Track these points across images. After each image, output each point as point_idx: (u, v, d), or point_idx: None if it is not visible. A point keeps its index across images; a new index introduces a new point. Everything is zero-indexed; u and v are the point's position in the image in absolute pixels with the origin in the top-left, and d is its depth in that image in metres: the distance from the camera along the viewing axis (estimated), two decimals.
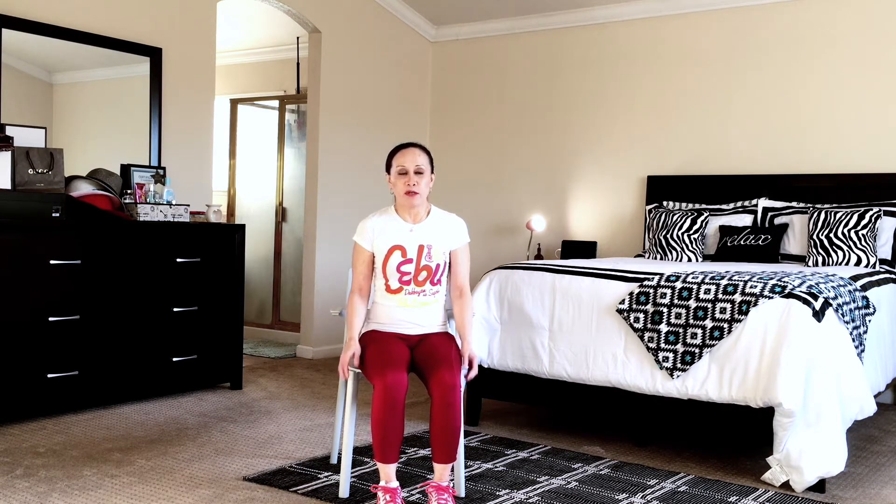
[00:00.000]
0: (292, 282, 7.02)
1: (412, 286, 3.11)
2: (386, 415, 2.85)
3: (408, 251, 3.12)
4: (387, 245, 3.13)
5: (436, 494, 2.88)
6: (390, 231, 3.15)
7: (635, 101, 5.96)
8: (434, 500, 2.88)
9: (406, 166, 3.12)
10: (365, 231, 3.17)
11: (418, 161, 3.12)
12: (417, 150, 3.17)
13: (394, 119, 6.61)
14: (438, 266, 3.13)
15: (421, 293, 3.12)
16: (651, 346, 3.67)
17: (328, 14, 6.05)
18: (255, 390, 4.94)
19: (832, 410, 3.27)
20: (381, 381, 2.87)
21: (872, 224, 4.71)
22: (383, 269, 3.13)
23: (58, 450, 3.60)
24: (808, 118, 5.34)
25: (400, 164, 3.13)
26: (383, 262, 3.13)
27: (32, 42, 4.59)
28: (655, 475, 3.45)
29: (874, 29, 5.13)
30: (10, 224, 3.95)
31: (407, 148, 3.18)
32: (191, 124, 5.30)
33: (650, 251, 5.38)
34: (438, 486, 2.90)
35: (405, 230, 3.15)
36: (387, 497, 2.87)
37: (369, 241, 3.16)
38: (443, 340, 3.10)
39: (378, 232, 3.16)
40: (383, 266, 3.13)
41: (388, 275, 3.11)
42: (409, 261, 3.11)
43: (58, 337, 4.11)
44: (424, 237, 3.15)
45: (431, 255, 3.13)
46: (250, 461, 3.48)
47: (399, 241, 3.13)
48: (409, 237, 3.13)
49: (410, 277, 3.11)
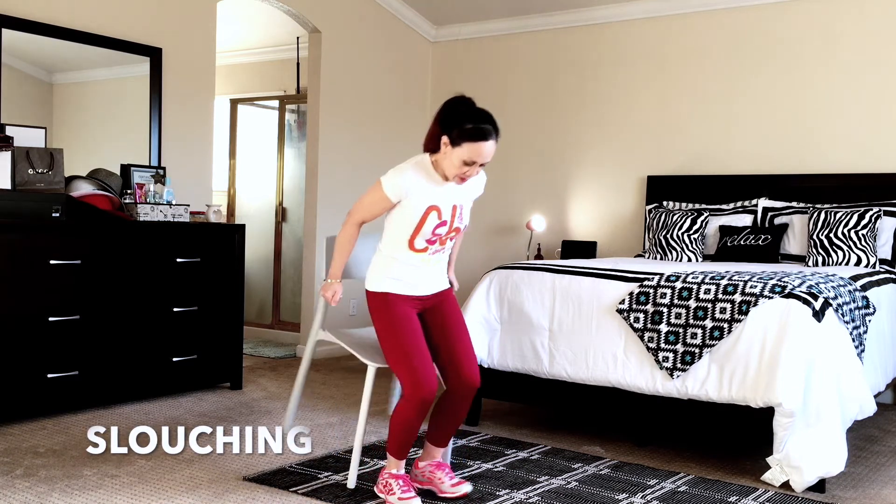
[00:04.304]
0: (292, 282, 7.02)
1: (437, 245, 2.99)
2: (418, 421, 2.93)
3: (443, 212, 2.93)
4: (423, 205, 2.90)
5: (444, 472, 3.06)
6: (427, 190, 2.91)
7: (635, 101, 5.96)
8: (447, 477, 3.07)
9: (477, 161, 2.86)
10: (399, 186, 2.89)
11: (489, 158, 2.89)
12: (494, 144, 2.88)
13: (394, 119, 6.61)
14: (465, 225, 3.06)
15: (441, 251, 3.04)
16: (651, 346, 3.67)
17: (328, 14, 6.05)
18: (255, 390, 4.94)
19: (832, 410, 3.27)
20: (415, 387, 2.86)
21: (872, 224, 4.71)
22: (417, 229, 2.92)
23: (58, 450, 3.60)
24: (808, 118, 5.34)
25: (473, 155, 2.84)
26: (419, 223, 2.91)
27: (32, 42, 4.59)
28: (655, 475, 3.45)
29: (874, 29, 5.13)
30: (10, 224, 3.95)
31: (487, 141, 2.85)
32: (191, 124, 5.30)
33: (650, 251, 5.38)
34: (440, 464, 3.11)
35: (442, 189, 2.93)
36: (399, 482, 2.97)
37: (397, 195, 2.90)
38: (457, 311, 3.11)
39: (413, 191, 2.90)
40: (418, 227, 2.91)
41: (421, 235, 2.92)
42: (443, 223, 2.94)
43: (58, 337, 4.11)
44: (458, 196, 2.98)
45: (462, 215, 3.01)
46: (250, 461, 3.48)
47: (434, 200, 2.92)
48: (445, 197, 2.94)
49: (440, 238, 2.98)
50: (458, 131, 2.83)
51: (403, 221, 2.93)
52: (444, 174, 2.93)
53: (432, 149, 2.94)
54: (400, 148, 6.65)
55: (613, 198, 6.05)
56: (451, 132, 2.84)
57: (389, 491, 2.99)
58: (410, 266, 2.98)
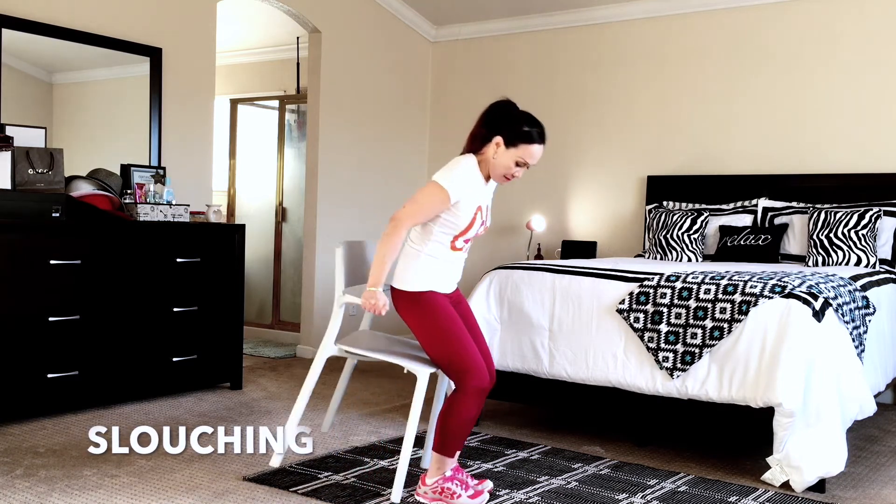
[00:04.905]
0: (292, 282, 7.02)
1: (470, 244, 3.06)
2: (477, 412, 2.97)
3: (483, 211, 3.01)
4: (474, 204, 2.96)
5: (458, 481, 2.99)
6: (477, 189, 2.97)
7: (635, 101, 5.96)
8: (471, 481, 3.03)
9: (530, 162, 2.98)
10: (462, 186, 2.91)
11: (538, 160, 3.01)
12: (543, 148, 3.02)
13: (394, 119, 6.61)
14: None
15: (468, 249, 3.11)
16: (651, 346, 3.67)
17: (328, 14, 6.05)
18: (255, 390, 4.94)
19: (832, 410, 3.27)
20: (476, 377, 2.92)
21: (872, 224, 4.71)
22: (467, 229, 2.96)
23: (58, 450, 3.60)
24: (808, 118, 5.34)
25: (526, 157, 2.95)
26: (470, 222, 2.96)
27: (32, 42, 4.59)
28: (655, 475, 3.45)
29: (874, 29, 5.13)
30: (10, 224, 3.95)
31: (541, 143, 2.99)
32: (191, 124, 5.30)
33: (650, 251, 5.38)
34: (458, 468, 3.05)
35: (484, 189, 3.01)
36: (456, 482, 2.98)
37: (458, 195, 2.90)
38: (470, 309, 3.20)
39: (469, 191, 2.93)
40: (469, 226, 2.96)
41: (467, 234, 2.98)
42: (483, 222, 3.03)
43: (58, 337, 4.11)
44: (489, 195, 3.08)
45: (489, 215, 3.09)
46: (250, 461, 3.48)
47: (480, 200, 2.98)
48: (486, 196, 3.03)
49: (475, 236, 3.04)
50: (515, 132, 2.94)
51: (455, 221, 2.95)
52: (487, 174, 3.01)
53: (474, 149, 3.00)
54: (400, 148, 6.67)
55: (613, 198, 6.05)
56: (506, 133, 2.94)
57: (452, 494, 2.96)
58: (448, 264, 3.02)
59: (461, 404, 2.91)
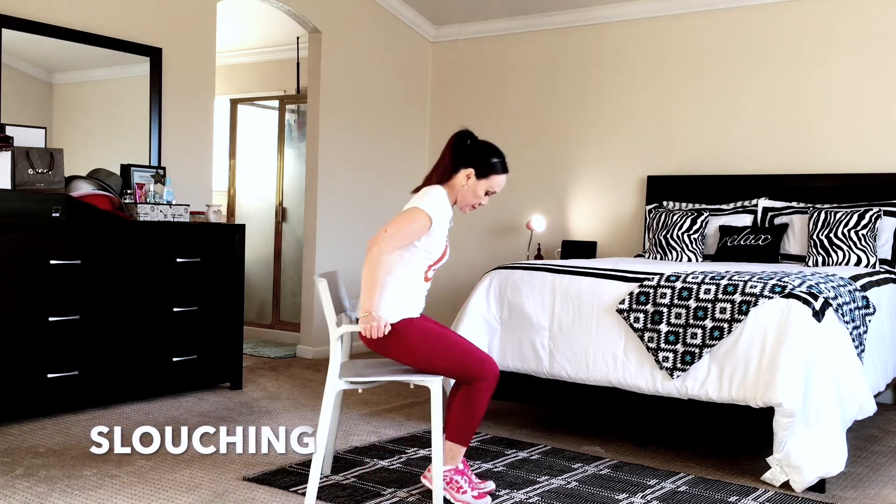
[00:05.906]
0: (292, 282, 7.02)
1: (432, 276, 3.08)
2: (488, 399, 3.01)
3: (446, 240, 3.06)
4: (445, 232, 3.01)
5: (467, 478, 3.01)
6: (448, 218, 3.01)
7: (635, 101, 5.96)
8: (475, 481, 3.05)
9: (497, 191, 3.07)
10: (443, 213, 2.95)
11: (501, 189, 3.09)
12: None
13: (394, 119, 6.61)
14: None
15: None
16: (651, 346, 3.67)
17: (328, 14, 6.05)
18: (255, 390, 4.94)
19: (832, 410, 3.27)
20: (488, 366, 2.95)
21: (872, 224, 4.71)
22: (440, 258, 3.01)
23: (58, 450, 3.60)
24: (808, 118, 5.34)
25: (495, 186, 3.04)
26: (443, 251, 3.01)
27: (32, 42, 4.59)
28: (655, 475, 3.45)
29: (874, 29, 5.13)
30: (10, 224, 3.95)
31: (506, 173, 3.08)
32: (191, 124, 5.30)
33: (650, 251, 5.39)
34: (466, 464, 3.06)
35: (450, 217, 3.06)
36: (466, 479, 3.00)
37: (437, 220, 2.94)
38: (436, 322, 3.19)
39: (446, 219, 2.98)
40: (441, 256, 3.01)
41: (437, 266, 3.03)
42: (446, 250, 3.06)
43: (58, 337, 4.11)
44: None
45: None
46: (250, 461, 3.48)
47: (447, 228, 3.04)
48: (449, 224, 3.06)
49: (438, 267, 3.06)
50: (486, 164, 3.02)
51: (431, 249, 2.98)
52: (453, 203, 3.04)
53: (441, 180, 3.03)
54: (400, 148, 6.67)
55: (613, 198, 6.05)
56: (478, 165, 3.01)
57: (458, 489, 2.98)
58: (419, 294, 3.04)
59: (483, 393, 2.95)
